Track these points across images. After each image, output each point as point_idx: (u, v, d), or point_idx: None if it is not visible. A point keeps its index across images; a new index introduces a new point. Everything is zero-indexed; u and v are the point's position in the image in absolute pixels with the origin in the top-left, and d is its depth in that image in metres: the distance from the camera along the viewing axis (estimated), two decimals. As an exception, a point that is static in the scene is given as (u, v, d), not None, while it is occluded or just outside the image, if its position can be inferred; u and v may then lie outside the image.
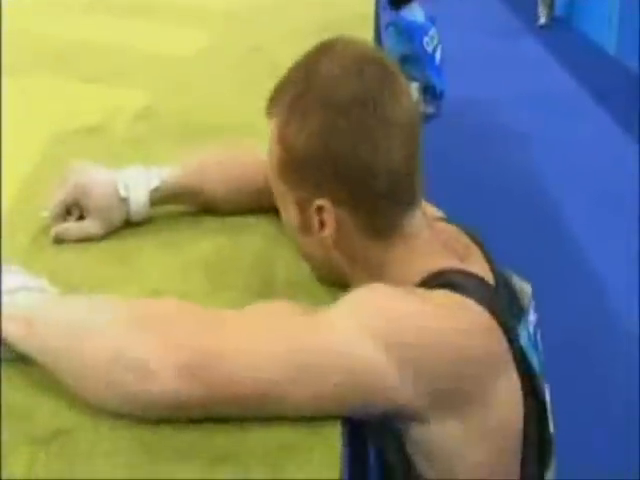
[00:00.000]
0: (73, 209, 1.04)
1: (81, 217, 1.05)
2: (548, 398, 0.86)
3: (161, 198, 1.06)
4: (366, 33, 2.16)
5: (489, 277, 0.85)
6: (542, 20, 7.68)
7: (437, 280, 0.79)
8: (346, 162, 0.78)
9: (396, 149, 0.79)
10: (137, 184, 1.03)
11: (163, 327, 0.69)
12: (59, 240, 1.03)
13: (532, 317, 0.89)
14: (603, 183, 3.80)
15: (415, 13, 4.49)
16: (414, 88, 4.42)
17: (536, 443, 0.82)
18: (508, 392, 0.79)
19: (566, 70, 5.96)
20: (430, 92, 4.44)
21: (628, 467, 1.98)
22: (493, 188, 3.84)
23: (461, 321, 0.75)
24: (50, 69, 1.87)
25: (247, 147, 1.11)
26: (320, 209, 0.80)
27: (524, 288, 0.92)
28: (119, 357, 0.67)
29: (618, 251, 3.08)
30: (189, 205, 1.12)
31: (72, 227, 1.04)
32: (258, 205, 1.08)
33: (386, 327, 0.71)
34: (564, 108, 5.02)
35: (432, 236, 0.85)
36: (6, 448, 0.67)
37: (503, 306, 0.82)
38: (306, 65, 0.82)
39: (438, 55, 4.47)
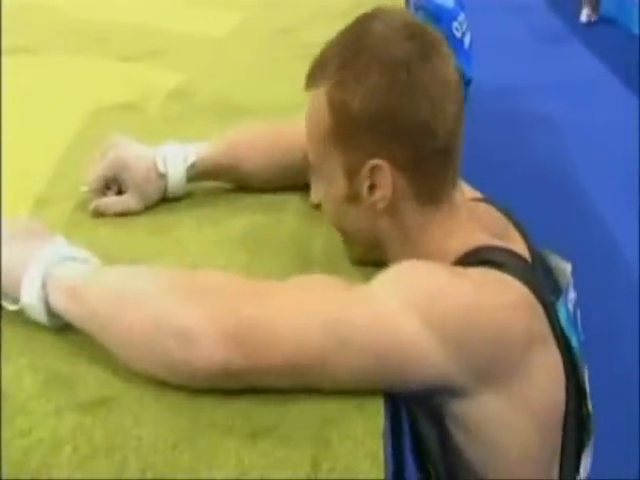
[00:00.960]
0: (112, 184, 1.05)
1: (119, 192, 1.06)
2: (586, 378, 0.86)
3: (197, 174, 1.06)
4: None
5: (526, 255, 0.85)
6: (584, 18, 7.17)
7: (475, 257, 0.79)
8: (406, 119, 0.77)
9: (450, 108, 0.79)
10: (175, 160, 1.03)
11: (206, 296, 0.69)
12: (98, 214, 1.04)
13: (572, 295, 0.88)
14: (635, 170, 3.75)
15: (444, -2, 4.44)
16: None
17: (574, 422, 0.82)
18: (549, 367, 0.78)
19: (598, 58, 5.87)
20: (457, 78, 4.39)
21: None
22: (522, 174, 3.80)
23: (500, 296, 0.75)
24: (86, 48, 1.89)
25: (283, 123, 1.11)
26: (374, 170, 0.79)
27: (562, 266, 0.91)
28: (162, 325, 0.67)
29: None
30: (225, 182, 1.12)
31: (111, 201, 1.04)
32: (295, 181, 1.08)
33: (428, 302, 0.71)
34: (596, 96, 4.94)
35: (470, 214, 0.85)
36: (51, 415, 0.68)
37: (541, 283, 0.81)
38: (355, 30, 0.81)
39: (467, 41, 4.42)
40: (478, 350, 0.72)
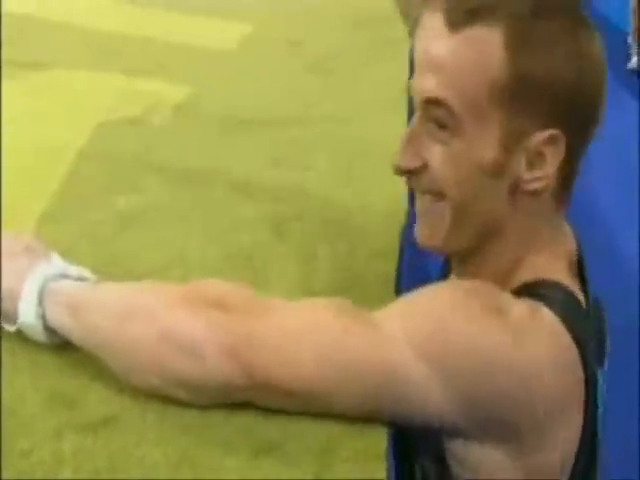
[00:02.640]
0: None
1: None
2: (600, 451, 0.77)
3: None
4: (400, 28, 2.14)
5: (582, 299, 0.75)
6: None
7: (538, 289, 0.72)
8: (587, 96, 0.71)
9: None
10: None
11: (212, 309, 0.67)
12: None
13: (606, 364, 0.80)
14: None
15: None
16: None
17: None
18: (567, 437, 0.72)
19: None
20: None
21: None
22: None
23: (537, 349, 0.66)
24: (94, 62, 1.88)
25: None
26: (548, 141, 0.69)
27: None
28: (167, 337, 0.66)
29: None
30: None
31: None
32: None
33: (433, 340, 0.66)
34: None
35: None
36: (52, 435, 0.67)
37: (590, 338, 0.73)
38: None
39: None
40: (487, 400, 0.66)
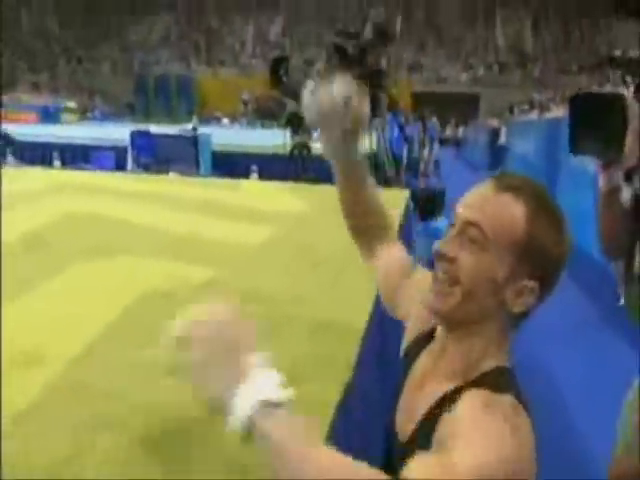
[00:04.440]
0: None
1: None
2: None
3: None
4: (392, 234, 2.59)
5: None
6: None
7: (499, 377, 0.96)
8: (563, 260, 0.99)
9: None
10: None
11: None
12: None
13: None
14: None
15: (440, 222, 4.98)
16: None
17: None
18: None
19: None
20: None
21: None
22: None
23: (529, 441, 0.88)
24: (149, 252, 2.38)
25: None
26: (530, 288, 0.96)
27: None
28: None
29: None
30: None
31: None
32: None
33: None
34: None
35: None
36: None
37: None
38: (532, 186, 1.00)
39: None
40: None
